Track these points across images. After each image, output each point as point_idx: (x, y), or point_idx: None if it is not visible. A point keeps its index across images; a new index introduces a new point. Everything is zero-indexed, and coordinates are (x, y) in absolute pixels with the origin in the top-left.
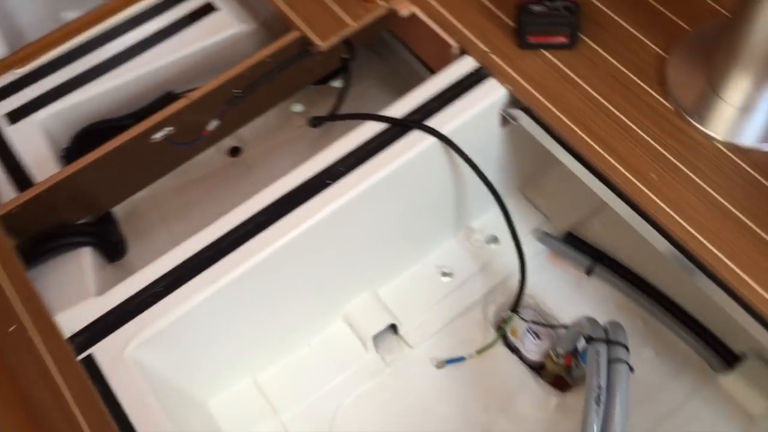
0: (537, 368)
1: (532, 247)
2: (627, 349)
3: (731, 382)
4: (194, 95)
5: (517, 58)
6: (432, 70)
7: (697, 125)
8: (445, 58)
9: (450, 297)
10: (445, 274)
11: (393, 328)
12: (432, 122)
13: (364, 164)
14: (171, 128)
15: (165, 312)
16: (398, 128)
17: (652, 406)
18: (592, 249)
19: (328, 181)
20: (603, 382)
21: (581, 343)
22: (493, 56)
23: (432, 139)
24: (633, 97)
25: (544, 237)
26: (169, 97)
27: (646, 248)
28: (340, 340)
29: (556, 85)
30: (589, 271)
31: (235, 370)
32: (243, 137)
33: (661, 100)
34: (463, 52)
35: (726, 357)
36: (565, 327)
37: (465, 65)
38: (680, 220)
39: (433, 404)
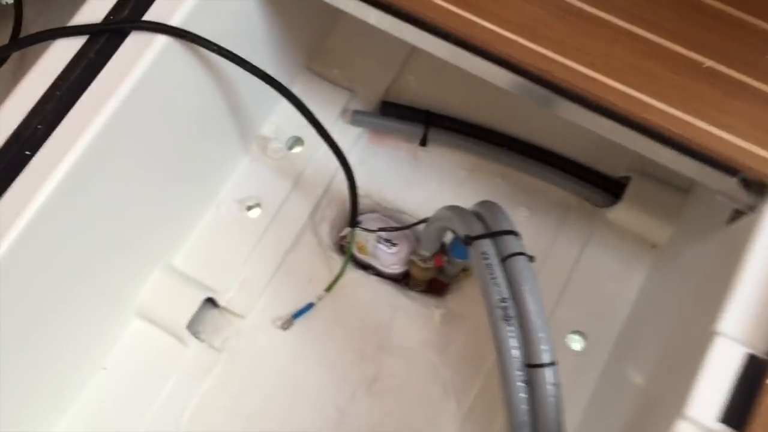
0: (402, 280)
1: (346, 135)
2: (517, 234)
3: (622, 213)
4: None
5: None
6: None
7: None
8: None
9: (267, 234)
10: (250, 208)
11: (210, 302)
12: (153, 15)
13: (74, 108)
14: None
15: None
16: (105, 39)
17: (548, 272)
18: (418, 112)
19: (27, 153)
20: (505, 292)
21: (447, 236)
22: None
23: (162, 38)
24: None
25: (356, 117)
26: None
27: (483, 91)
28: (145, 345)
29: None
30: (423, 141)
31: None
32: None
33: None
34: None
35: (608, 188)
36: (423, 222)
37: None
38: (526, 43)
39: (297, 376)
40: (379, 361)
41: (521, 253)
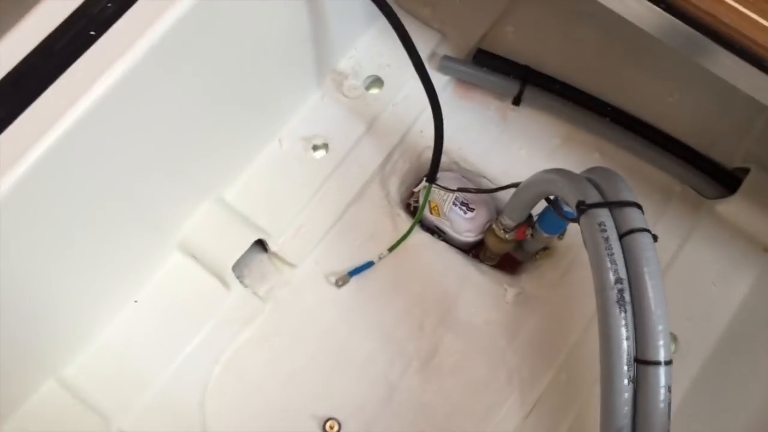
0: (470, 251)
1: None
2: (640, 207)
3: (734, 208)
4: None
5: None
6: None
7: None
8: None
9: (331, 179)
10: (316, 148)
11: (260, 244)
12: None
13: None
14: None
15: None
16: None
17: None
18: (517, 66)
19: (91, 33)
20: (622, 272)
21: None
22: None
23: None
24: None
25: (446, 62)
26: None
27: (588, 52)
28: (183, 282)
29: None
30: (517, 99)
31: (28, 369)
32: None
33: None
34: None
35: (720, 178)
36: (513, 186)
37: None
38: None
39: (346, 339)
40: (439, 336)
41: (645, 230)
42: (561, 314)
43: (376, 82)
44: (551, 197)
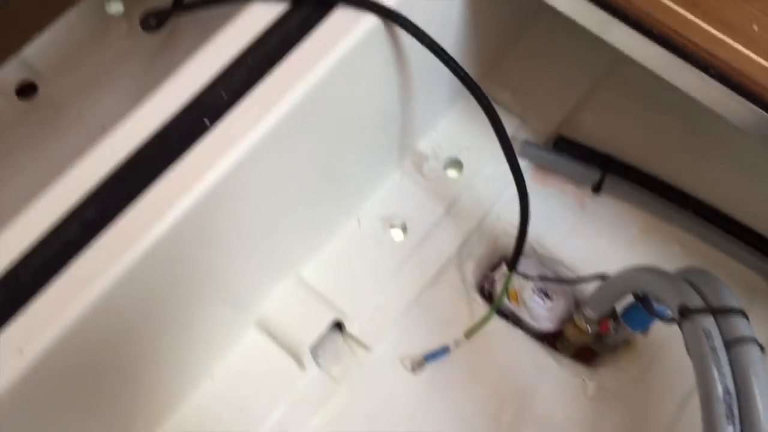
0: (550, 339)
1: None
2: (746, 316)
3: None
4: None
5: None
6: None
7: None
8: None
9: (409, 261)
10: (394, 228)
11: (337, 326)
12: None
13: (264, 79)
14: None
15: None
16: (307, 8)
17: None
18: (597, 154)
19: (205, 120)
20: (730, 384)
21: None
22: None
23: (370, 18)
24: None
25: (526, 147)
26: None
27: (669, 141)
28: (260, 360)
29: None
30: (597, 187)
31: None
32: (33, 65)
33: None
34: None
35: None
36: (600, 278)
37: None
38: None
39: (421, 427)
40: (517, 427)
41: (753, 340)
42: (643, 412)
43: (455, 164)
44: (639, 293)
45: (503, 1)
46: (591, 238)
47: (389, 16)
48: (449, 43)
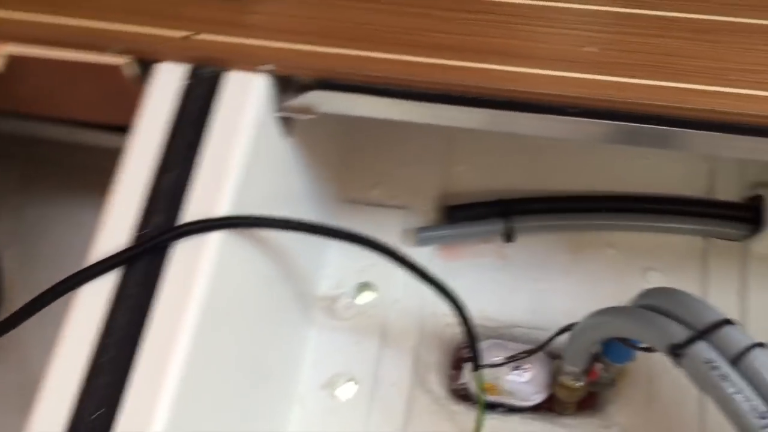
0: (543, 407)
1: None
2: (732, 322)
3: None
4: None
5: (241, 13)
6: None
7: None
8: (119, 93)
9: (373, 413)
10: (339, 387)
11: None
12: (193, 213)
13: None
14: None
15: None
16: (145, 262)
17: None
18: (492, 205)
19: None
20: (756, 402)
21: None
22: (205, 36)
23: (215, 236)
24: None
25: (422, 234)
26: None
27: (548, 156)
28: None
29: (324, 16)
30: (508, 235)
31: None
32: None
33: None
34: (145, 61)
35: (739, 216)
36: (562, 333)
37: (166, 82)
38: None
39: None
40: None
41: (755, 345)
42: (668, 425)
43: (366, 287)
44: None
45: (333, 132)
46: (528, 285)
47: (234, 224)
48: (295, 198)
